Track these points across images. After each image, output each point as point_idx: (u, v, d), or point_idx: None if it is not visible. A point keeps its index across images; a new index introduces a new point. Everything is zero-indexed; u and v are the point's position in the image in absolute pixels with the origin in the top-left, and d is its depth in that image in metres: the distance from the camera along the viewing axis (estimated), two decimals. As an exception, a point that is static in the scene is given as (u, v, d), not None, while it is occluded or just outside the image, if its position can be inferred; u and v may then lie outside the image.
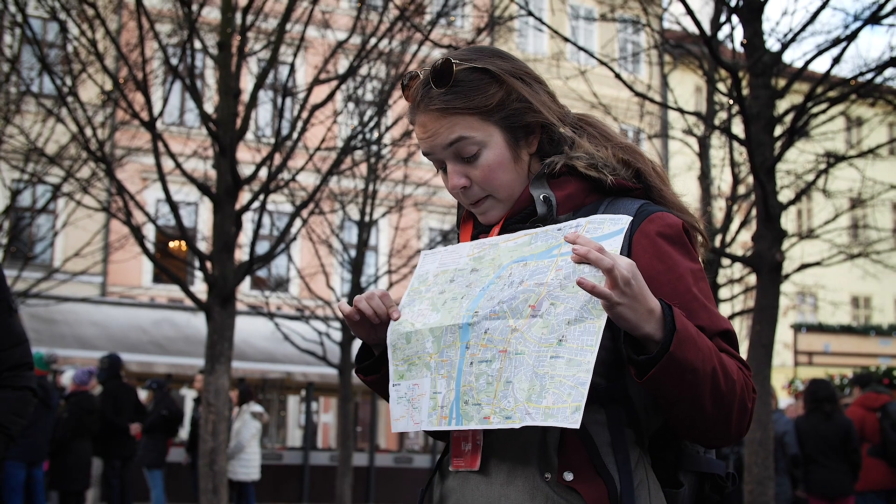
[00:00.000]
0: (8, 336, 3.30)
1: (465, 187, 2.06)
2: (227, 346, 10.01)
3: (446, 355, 1.99)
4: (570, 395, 1.78)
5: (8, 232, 15.57)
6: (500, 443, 1.95)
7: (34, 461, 11.24)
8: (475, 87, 2.03)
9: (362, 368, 2.18)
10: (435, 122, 2.03)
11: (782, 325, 17.61)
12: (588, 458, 1.88)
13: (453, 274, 2.08)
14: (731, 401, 1.86)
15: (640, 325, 1.77)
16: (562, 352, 1.81)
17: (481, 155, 2.04)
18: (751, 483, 7.54)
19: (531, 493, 1.89)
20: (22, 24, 10.82)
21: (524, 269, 1.94)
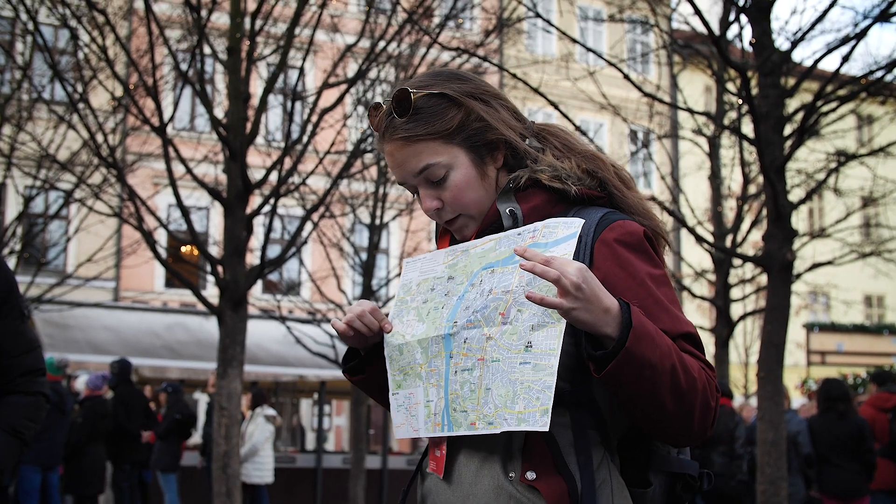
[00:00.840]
0: (20, 342, 3.33)
1: (438, 209, 2.14)
2: (239, 349, 10.04)
3: (434, 365, 2.07)
4: (538, 400, 1.86)
5: (21, 238, 15.62)
6: (468, 446, 2.04)
7: (49, 465, 11.30)
8: (434, 112, 2.10)
9: (349, 369, 2.28)
10: (401, 151, 2.12)
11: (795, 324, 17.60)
12: (551, 458, 1.95)
13: (433, 282, 2.16)
14: (692, 399, 1.90)
15: (599, 326, 1.84)
16: (529, 357, 1.89)
17: (449, 177, 2.11)
18: (764, 483, 7.54)
19: (496, 491, 1.97)
20: (33, 32, 10.87)
21: (492, 276, 2.02)
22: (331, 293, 16.98)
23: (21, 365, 3.32)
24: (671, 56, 14.55)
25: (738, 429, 10.96)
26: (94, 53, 11.39)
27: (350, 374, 2.28)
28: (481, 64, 14.61)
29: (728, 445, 10.89)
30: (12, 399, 3.32)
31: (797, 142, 7.67)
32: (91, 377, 12.26)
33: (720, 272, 14.67)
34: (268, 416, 13.47)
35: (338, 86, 11.02)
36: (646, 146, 15.28)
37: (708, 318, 22.48)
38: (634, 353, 1.82)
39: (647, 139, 17.51)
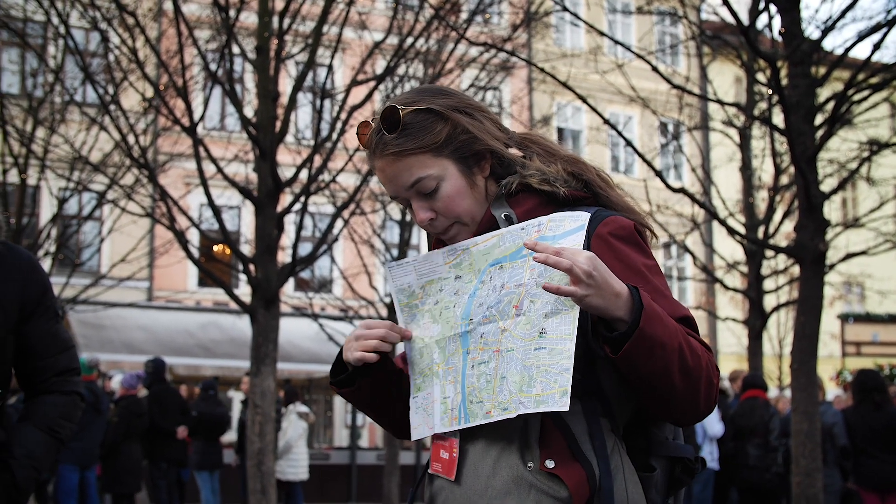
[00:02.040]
0: (55, 342, 3.36)
1: (431, 219, 2.21)
2: (271, 347, 10.08)
3: (451, 363, 2.13)
4: (556, 382, 1.94)
5: (56, 240, 15.76)
6: (483, 441, 2.10)
7: (87, 464, 11.41)
8: (423, 127, 2.17)
9: (337, 382, 2.30)
10: (392, 167, 2.19)
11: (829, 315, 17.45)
12: (567, 446, 2.03)
13: (440, 283, 2.21)
14: (698, 376, 2.01)
15: (611, 310, 1.94)
16: (544, 343, 1.97)
17: (440, 188, 2.19)
18: (799, 475, 7.50)
19: (515, 482, 2.03)
20: (65, 36, 10.96)
21: (501, 272, 2.09)
22: (362, 290, 17.02)
23: (56, 365, 3.35)
24: (700, 47, 14.46)
25: (773, 421, 10.90)
26: (124, 55, 11.47)
27: (338, 386, 2.30)
28: (509, 58, 14.60)
29: (763, 437, 10.85)
30: (48, 399, 3.35)
31: (828, 131, 7.60)
32: (126, 376, 12.36)
33: (752, 264, 14.59)
34: (301, 412, 13.53)
35: (366, 83, 11.04)
36: (676, 138, 15.22)
37: (741, 309, 22.38)
38: (647, 333, 1.92)
39: (678, 131, 17.43)
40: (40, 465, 3.30)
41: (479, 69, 14.84)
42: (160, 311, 21.14)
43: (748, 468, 10.89)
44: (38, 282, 3.33)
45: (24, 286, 3.28)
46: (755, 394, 11.23)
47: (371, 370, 2.24)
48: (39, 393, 3.36)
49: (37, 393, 3.37)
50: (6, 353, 3.26)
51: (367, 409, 2.35)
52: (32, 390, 3.38)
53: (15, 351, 3.29)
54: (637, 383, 1.99)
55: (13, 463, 3.22)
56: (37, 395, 3.37)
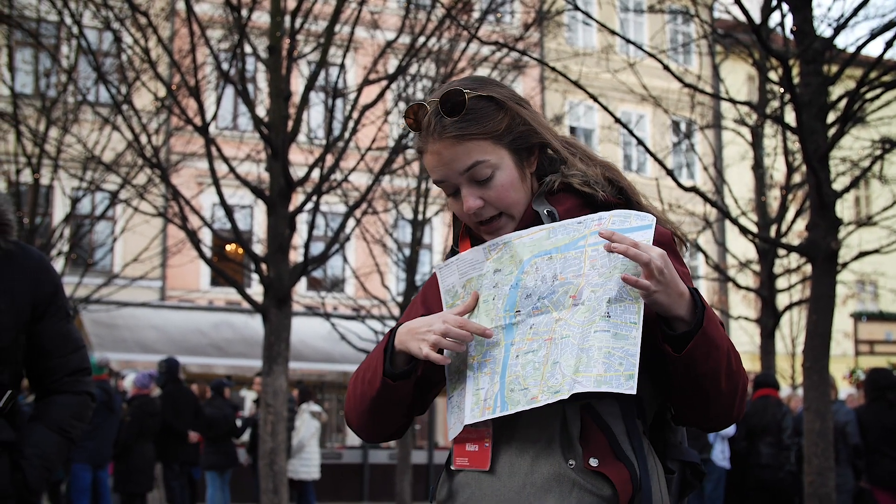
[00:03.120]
0: (67, 342, 3.38)
1: (480, 208, 2.17)
2: (283, 347, 10.10)
3: (490, 355, 2.10)
4: (621, 365, 1.93)
5: (69, 239, 15.82)
6: (520, 438, 2.07)
7: (99, 464, 11.45)
8: (485, 113, 2.16)
9: (401, 374, 2.17)
10: (450, 150, 2.15)
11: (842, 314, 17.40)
12: (608, 445, 2.02)
13: (480, 280, 2.18)
14: (737, 380, 2.05)
15: (673, 308, 1.96)
16: (608, 326, 1.96)
17: (495, 176, 2.16)
18: (811, 474, 7.48)
19: (557, 478, 2.02)
20: (78, 36, 11.01)
21: (551, 262, 2.08)
22: (375, 289, 17.03)
23: (67, 365, 3.37)
24: (712, 46, 14.43)
25: (786, 419, 10.88)
26: (137, 55, 11.52)
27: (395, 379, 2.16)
28: (521, 58, 14.60)
29: (776, 436, 10.82)
30: (59, 399, 3.37)
31: (840, 130, 7.58)
32: (138, 376, 12.39)
33: (765, 262, 14.55)
34: (313, 412, 13.56)
35: (378, 82, 11.05)
36: (688, 137, 15.20)
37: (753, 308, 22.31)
38: (708, 334, 1.97)
39: (690, 130, 17.39)
40: (52, 464, 3.32)
41: (491, 68, 14.83)
42: (173, 311, 21.20)
43: (761, 467, 10.87)
44: (50, 281, 3.35)
45: (35, 286, 3.29)
46: (767, 392, 11.21)
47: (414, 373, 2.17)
48: (51, 393, 3.38)
49: (48, 393, 3.39)
50: (18, 352, 3.28)
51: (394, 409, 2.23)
52: (44, 390, 3.40)
53: (26, 350, 3.31)
54: (687, 384, 2.02)
55: (24, 463, 3.24)
56: (48, 395, 3.39)
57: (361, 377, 2.24)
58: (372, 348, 12.43)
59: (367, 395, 2.21)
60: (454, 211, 2.25)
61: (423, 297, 2.35)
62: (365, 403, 2.22)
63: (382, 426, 2.28)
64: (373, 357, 2.23)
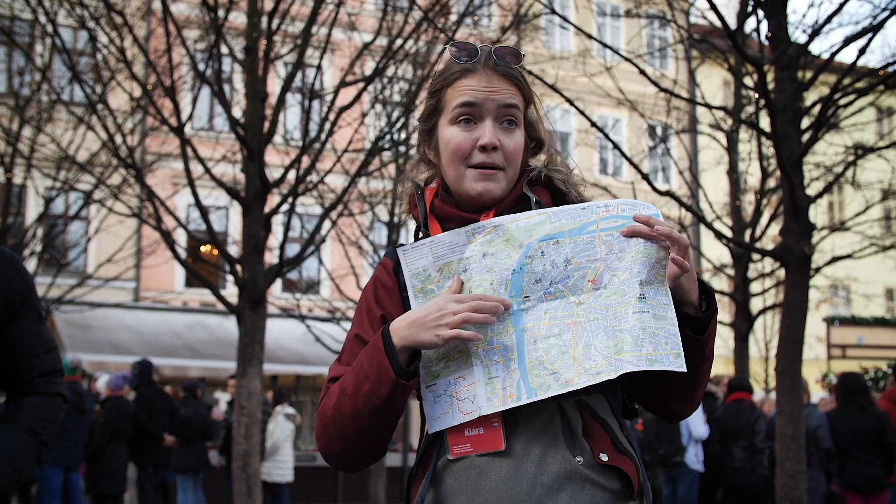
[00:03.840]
0: (39, 343, 3.35)
1: (496, 147, 2.18)
2: (258, 348, 10.07)
3: (497, 342, 2.07)
4: (667, 344, 1.99)
5: (42, 239, 15.71)
6: (525, 434, 2.04)
7: (71, 466, 11.36)
8: (524, 81, 2.27)
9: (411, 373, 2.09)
10: (500, 82, 2.21)
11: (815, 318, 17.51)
12: (610, 440, 2.05)
13: (463, 264, 2.13)
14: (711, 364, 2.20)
15: (691, 293, 2.07)
16: (646, 307, 2.00)
17: (516, 132, 2.22)
18: (783, 477, 7.52)
19: (568, 476, 2.00)
20: (52, 34, 10.93)
21: (559, 247, 2.08)
22: (350, 291, 17.01)
23: (39, 366, 3.33)
24: (688, 51, 14.51)
25: (759, 423, 10.94)
26: (112, 55, 11.45)
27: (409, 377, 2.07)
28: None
29: (748, 440, 10.88)
30: (31, 400, 3.33)
31: (814, 135, 7.64)
32: (112, 377, 12.32)
33: (739, 267, 14.63)
34: (287, 414, 13.51)
35: (355, 84, 11.03)
36: (664, 141, 15.25)
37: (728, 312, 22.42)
38: (716, 317, 2.13)
39: (666, 134, 17.48)
40: (21, 466, 3.28)
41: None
42: (147, 312, 21.09)
43: (734, 470, 10.92)
44: (22, 281, 3.32)
45: (7, 286, 3.26)
46: (741, 396, 11.26)
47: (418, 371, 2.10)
48: (22, 394, 3.34)
49: (19, 394, 3.35)
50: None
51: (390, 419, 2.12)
52: (15, 391, 3.36)
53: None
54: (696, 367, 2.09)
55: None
56: (19, 396, 3.35)
57: (353, 394, 2.09)
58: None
59: (364, 411, 2.08)
60: (453, 142, 2.20)
61: (374, 298, 2.24)
62: (362, 420, 2.08)
63: (374, 442, 2.15)
64: (365, 367, 2.09)
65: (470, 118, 2.19)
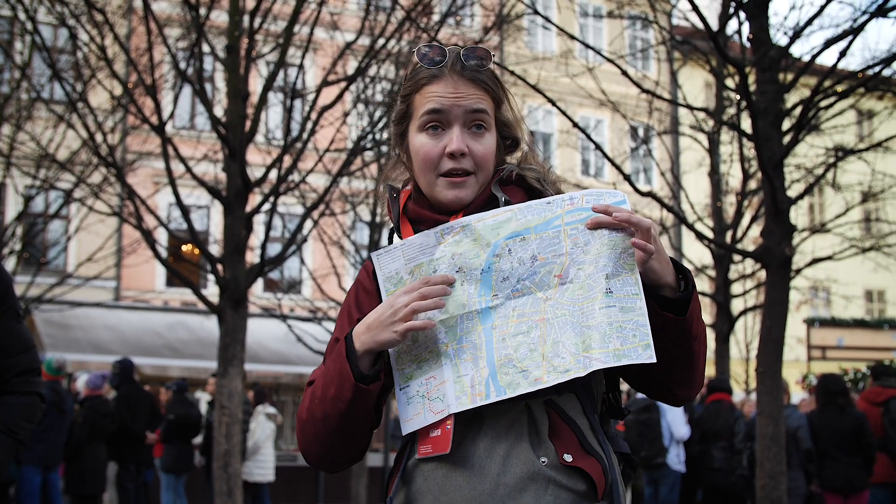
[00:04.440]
0: (16, 342, 3.33)
1: (463, 153, 2.17)
2: (239, 348, 10.04)
3: (467, 340, 2.06)
4: (635, 336, 1.96)
5: (21, 238, 15.62)
6: (489, 435, 2.04)
7: (50, 465, 11.30)
8: (497, 83, 2.23)
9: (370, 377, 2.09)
10: (467, 87, 2.19)
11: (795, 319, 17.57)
12: (577, 441, 2.03)
13: (433, 265, 2.13)
14: (705, 344, 2.16)
15: (664, 275, 2.04)
16: (613, 301, 1.98)
17: (485, 137, 2.21)
18: (763, 478, 7.54)
19: (531, 476, 1.99)
20: (32, 32, 10.87)
21: (525, 243, 2.07)
22: (331, 291, 16.97)
23: (17, 365, 3.32)
24: (671, 52, 14.54)
25: (738, 424, 10.97)
26: (93, 52, 11.40)
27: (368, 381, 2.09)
28: (480, 61, 14.59)
29: (728, 440, 10.91)
30: (8, 399, 3.31)
31: (795, 137, 7.66)
32: (91, 377, 12.25)
33: (720, 268, 14.68)
34: (269, 414, 13.48)
35: (337, 83, 11.01)
36: (646, 142, 15.29)
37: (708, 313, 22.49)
38: (696, 295, 2.08)
39: (647, 135, 17.51)
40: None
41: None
42: (127, 311, 21.01)
43: (713, 471, 10.95)
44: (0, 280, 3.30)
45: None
46: (720, 397, 11.29)
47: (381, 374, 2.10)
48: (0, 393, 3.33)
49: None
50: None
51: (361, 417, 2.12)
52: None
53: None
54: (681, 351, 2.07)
55: (-30, 463, 3.19)
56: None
57: (321, 397, 2.12)
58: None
59: (332, 415, 2.10)
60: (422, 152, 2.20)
61: (355, 301, 2.27)
62: (331, 424, 2.11)
63: (349, 445, 2.17)
64: (331, 372, 2.12)
65: (438, 125, 2.19)
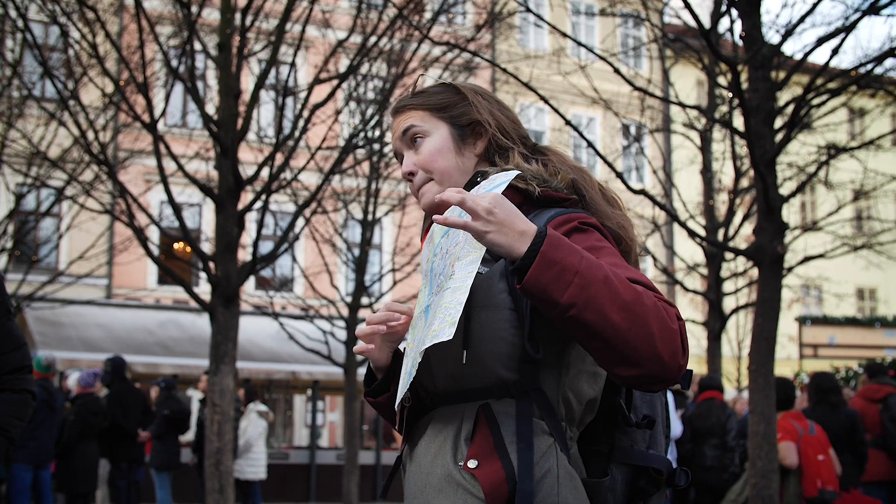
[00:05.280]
0: (7, 340, 3.32)
1: (411, 173, 2.29)
2: (231, 346, 10.03)
3: (416, 339, 2.12)
4: (448, 315, 1.94)
5: (12, 236, 15.58)
6: (428, 434, 2.13)
7: (40, 463, 11.26)
8: (433, 92, 2.34)
9: (374, 389, 2.30)
10: (396, 119, 2.35)
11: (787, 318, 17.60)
12: (494, 446, 2.00)
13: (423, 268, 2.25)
14: (641, 311, 1.88)
15: (514, 247, 1.90)
16: (449, 284, 1.99)
17: (424, 143, 2.27)
18: (755, 476, 7.54)
19: (447, 479, 2.03)
20: (23, 29, 10.84)
21: (447, 240, 2.13)
22: (323, 289, 16.96)
23: (8, 363, 3.31)
24: (663, 50, 14.55)
25: (730, 422, 10.99)
26: (84, 50, 11.36)
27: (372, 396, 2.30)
28: (473, 59, 14.62)
29: (720, 438, 10.92)
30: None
31: (787, 135, 7.67)
32: (82, 374, 12.23)
33: (712, 266, 14.69)
34: (260, 411, 13.47)
35: (329, 81, 11.00)
36: (638, 140, 15.29)
37: (700, 311, 22.53)
38: (553, 258, 1.86)
39: (639, 133, 17.52)
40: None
41: (443, 69, 14.83)
42: (119, 309, 20.97)
43: (705, 469, 10.96)
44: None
45: (-25, 283, 3.23)
46: (712, 395, 11.31)
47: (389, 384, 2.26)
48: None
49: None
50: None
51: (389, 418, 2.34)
52: (-18, 388, 3.34)
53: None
54: (568, 325, 1.90)
55: (-38, 461, 3.18)
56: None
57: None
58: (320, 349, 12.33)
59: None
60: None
61: None
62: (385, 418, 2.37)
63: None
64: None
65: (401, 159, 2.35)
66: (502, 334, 2.00)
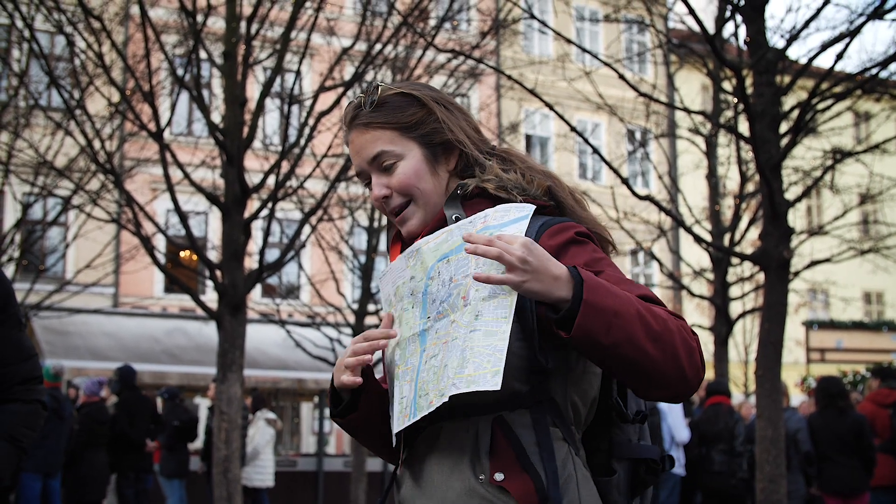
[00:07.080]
0: (18, 351, 3.33)
1: (385, 196, 2.24)
2: (238, 354, 10.04)
3: (410, 363, 2.12)
4: (488, 362, 1.92)
5: (20, 245, 15.62)
6: (439, 450, 2.10)
7: (50, 472, 11.28)
8: (397, 107, 2.23)
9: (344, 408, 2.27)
10: (360, 138, 2.24)
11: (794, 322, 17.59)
12: (516, 458, 2.01)
13: (404, 287, 2.21)
14: (670, 339, 1.96)
15: (551, 292, 1.92)
16: (478, 325, 1.96)
17: (398, 166, 2.21)
18: (763, 481, 7.54)
19: (468, 493, 2.03)
20: (29, 39, 10.87)
21: (448, 266, 2.09)
22: (330, 296, 16.99)
23: (19, 373, 3.32)
24: (667, 56, 14.57)
25: (738, 427, 10.97)
26: (90, 60, 11.41)
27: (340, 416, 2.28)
28: (477, 65, 14.63)
29: (728, 443, 10.90)
30: (10, 407, 3.32)
31: (793, 140, 7.67)
32: (87, 383, 12.23)
33: (718, 271, 14.68)
34: (268, 419, 13.47)
35: (334, 89, 11.02)
36: (643, 146, 15.31)
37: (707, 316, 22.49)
38: (594, 303, 1.90)
39: (645, 139, 17.52)
40: (1, 473, 3.27)
41: (448, 76, 14.85)
42: (126, 318, 20.99)
43: (713, 474, 10.94)
44: (1, 288, 3.30)
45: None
46: (719, 400, 11.29)
47: (357, 404, 2.24)
48: (1, 401, 3.33)
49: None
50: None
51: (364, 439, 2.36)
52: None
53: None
54: (609, 362, 1.96)
55: (-28, 471, 3.19)
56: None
57: None
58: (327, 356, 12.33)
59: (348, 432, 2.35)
60: (372, 202, 2.32)
61: None
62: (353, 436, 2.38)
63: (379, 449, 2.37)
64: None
65: (366, 180, 2.28)
66: (512, 348, 1.98)
